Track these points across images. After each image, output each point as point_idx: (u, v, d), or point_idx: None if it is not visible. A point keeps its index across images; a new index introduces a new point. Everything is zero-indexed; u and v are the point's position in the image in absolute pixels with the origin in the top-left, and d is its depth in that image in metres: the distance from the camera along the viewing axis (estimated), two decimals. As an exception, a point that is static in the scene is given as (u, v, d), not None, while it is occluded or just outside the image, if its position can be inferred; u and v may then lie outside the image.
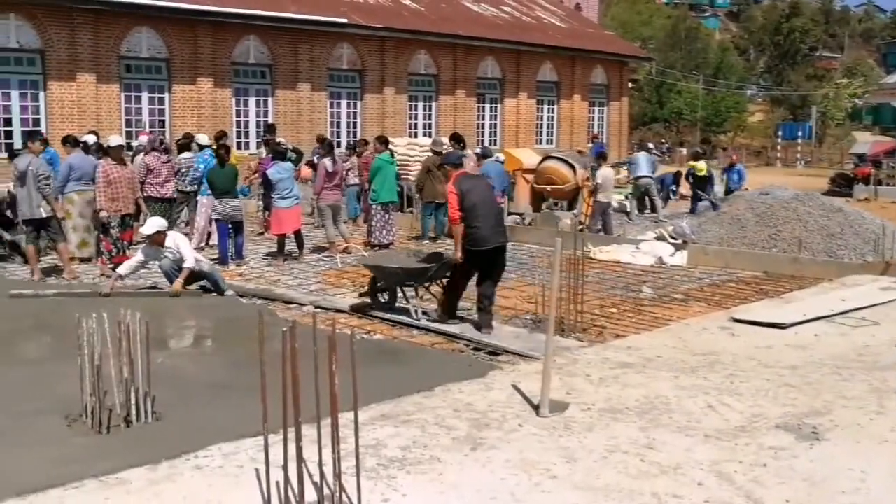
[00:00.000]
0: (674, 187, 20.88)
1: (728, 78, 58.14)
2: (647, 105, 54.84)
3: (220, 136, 14.38)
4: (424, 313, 8.48)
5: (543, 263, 11.11)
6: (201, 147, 13.63)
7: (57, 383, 6.02)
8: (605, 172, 15.75)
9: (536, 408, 5.62)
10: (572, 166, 17.25)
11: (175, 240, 9.73)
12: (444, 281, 8.50)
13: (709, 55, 60.66)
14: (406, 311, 8.52)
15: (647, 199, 19.01)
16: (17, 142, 17.88)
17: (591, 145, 21.77)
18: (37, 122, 18.87)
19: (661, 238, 13.87)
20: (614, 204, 17.25)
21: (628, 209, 18.64)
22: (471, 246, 7.93)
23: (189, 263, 9.52)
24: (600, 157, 16.87)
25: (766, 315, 8.50)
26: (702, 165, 19.27)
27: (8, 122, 18.76)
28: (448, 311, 8.32)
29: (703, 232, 14.20)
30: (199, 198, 12.99)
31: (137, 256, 9.87)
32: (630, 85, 38.84)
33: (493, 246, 7.99)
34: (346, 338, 4.47)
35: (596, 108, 32.19)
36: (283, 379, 3.80)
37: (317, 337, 3.91)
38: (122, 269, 9.78)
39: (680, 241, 13.28)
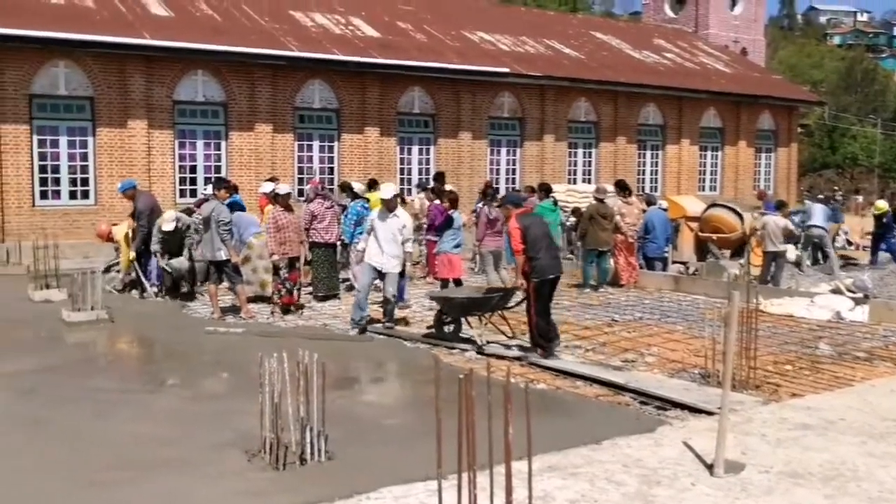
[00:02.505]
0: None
1: (909, 121, 54.68)
2: (818, 151, 52.33)
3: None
4: (488, 342, 9.26)
5: (713, 316, 10.72)
6: (355, 195, 13.84)
7: (239, 418, 6.33)
8: (768, 220, 15.10)
9: (710, 467, 5.39)
10: (740, 215, 16.67)
11: (406, 215, 10.77)
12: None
13: (887, 97, 57.37)
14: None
15: (819, 250, 18.06)
16: (200, 188, 19.18)
17: (761, 203, 20.98)
18: (218, 169, 20.16)
19: (837, 291, 13.11)
20: (790, 255, 16.47)
21: (800, 260, 17.76)
22: (536, 276, 8.72)
23: (409, 247, 10.65)
24: (778, 206, 16.19)
25: (963, 378, 7.82)
26: (881, 204, 18.23)
27: (193, 169, 20.16)
28: (547, 349, 8.80)
29: (885, 286, 13.31)
30: (352, 246, 13.39)
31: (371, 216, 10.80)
32: (799, 130, 37.21)
33: (553, 276, 8.89)
34: (514, 386, 4.46)
35: (762, 155, 31.03)
36: (458, 425, 3.82)
37: (490, 385, 3.93)
38: (361, 245, 10.81)
39: (860, 296, 12.48)
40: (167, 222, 12.35)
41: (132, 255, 12.73)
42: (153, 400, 7.44)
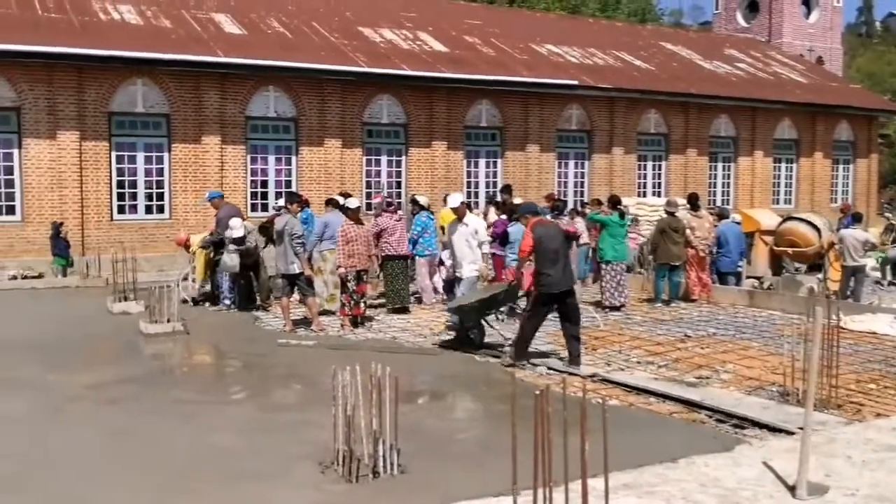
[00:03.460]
0: None
1: None
2: (900, 162, 50.57)
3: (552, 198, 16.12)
4: (507, 341, 9.61)
5: (791, 332, 10.43)
6: (421, 208, 13.82)
7: (312, 430, 6.38)
8: (846, 234, 14.65)
9: (792, 488, 5.22)
10: (817, 228, 16.21)
11: (476, 220, 11.23)
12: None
13: (972, 106, 55.11)
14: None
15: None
16: (271, 202, 19.50)
17: (841, 216, 20.34)
18: (289, 184, 20.46)
19: (923, 307, 12.63)
20: (869, 271, 15.90)
21: (881, 275, 17.18)
22: (544, 289, 8.87)
23: (486, 248, 11.18)
24: (854, 219, 15.72)
25: None
26: None
27: (264, 184, 20.53)
28: (518, 353, 9.10)
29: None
30: (417, 258, 13.44)
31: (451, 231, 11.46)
32: (879, 141, 36.07)
33: (563, 290, 8.94)
34: (587, 402, 4.39)
35: (840, 166, 30.16)
36: (534, 441, 3.78)
37: (565, 401, 3.88)
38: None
39: (947, 312, 11.99)
40: (236, 229, 12.63)
41: (196, 246, 13.59)
42: (228, 411, 7.57)
